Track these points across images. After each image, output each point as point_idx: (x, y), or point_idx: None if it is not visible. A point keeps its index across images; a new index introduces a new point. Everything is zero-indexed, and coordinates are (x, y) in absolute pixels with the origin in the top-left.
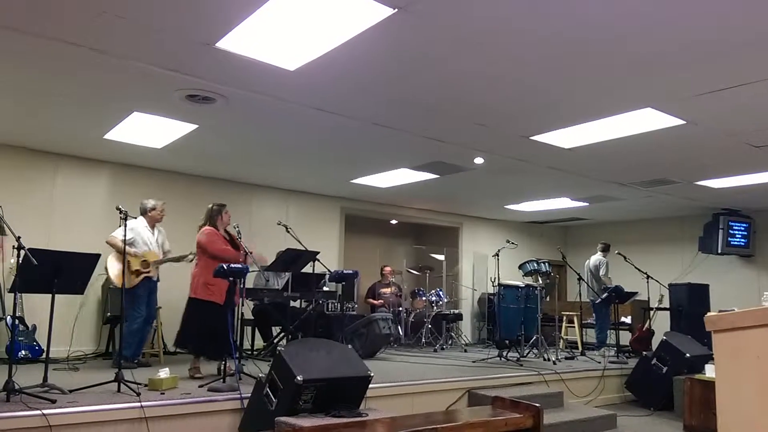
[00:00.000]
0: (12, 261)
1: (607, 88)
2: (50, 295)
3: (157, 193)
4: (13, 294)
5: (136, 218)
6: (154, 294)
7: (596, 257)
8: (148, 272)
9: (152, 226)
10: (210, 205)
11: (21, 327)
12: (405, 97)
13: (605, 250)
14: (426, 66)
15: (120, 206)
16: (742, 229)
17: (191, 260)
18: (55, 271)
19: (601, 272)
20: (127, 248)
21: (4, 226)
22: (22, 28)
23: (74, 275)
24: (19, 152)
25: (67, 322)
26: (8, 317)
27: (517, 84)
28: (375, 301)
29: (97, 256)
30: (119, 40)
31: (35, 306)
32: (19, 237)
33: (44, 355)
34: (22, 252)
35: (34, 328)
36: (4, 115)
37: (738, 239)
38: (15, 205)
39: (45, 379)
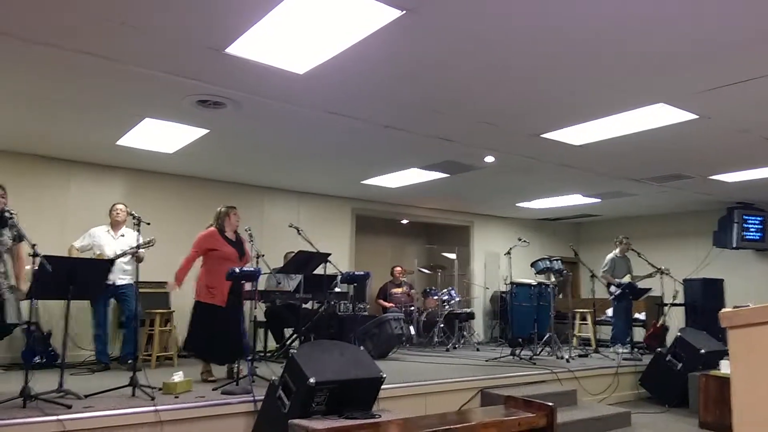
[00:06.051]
0: (28, 268)
1: (618, 84)
2: (65, 301)
3: (169, 198)
4: (29, 300)
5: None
6: (123, 300)
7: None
8: None
9: (115, 230)
10: (219, 208)
11: (36, 333)
12: (415, 98)
13: (617, 246)
14: (435, 67)
15: (133, 212)
16: (757, 222)
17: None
18: (69, 278)
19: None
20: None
21: (23, 233)
22: (34, 37)
23: (89, 281)
24: (33, 160)
25: (81, 327)
26: (24, 323)
27: (528, 82)
28: (386, 303)
29: (111, 261)
30: (129, 47)
31: (50, 312)
32: (34, 244)
33: (59, 360)
34: (38, 259)
35: (50, 333)
36: (16, 123)
37: (753, 233)
38: (30, 212)
39: (60, 384)
